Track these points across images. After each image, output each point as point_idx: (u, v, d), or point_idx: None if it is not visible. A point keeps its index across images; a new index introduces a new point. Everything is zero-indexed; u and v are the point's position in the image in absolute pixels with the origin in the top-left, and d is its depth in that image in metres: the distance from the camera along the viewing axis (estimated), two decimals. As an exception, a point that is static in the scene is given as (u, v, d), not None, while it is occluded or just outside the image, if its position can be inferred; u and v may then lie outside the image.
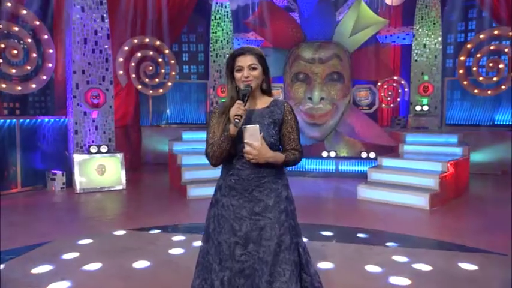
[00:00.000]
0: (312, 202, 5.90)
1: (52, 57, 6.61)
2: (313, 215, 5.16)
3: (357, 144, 8.29)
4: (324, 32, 8.23)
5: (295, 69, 8.22)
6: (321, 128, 8.18)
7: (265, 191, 1.88)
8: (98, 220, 5.06)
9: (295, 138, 1.94)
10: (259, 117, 1.90)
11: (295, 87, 8.28)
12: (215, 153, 1.85)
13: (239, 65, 1.87)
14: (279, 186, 1.92)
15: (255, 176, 1.87)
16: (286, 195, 1.94)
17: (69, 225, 4.78)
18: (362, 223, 4.76)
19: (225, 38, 9.83)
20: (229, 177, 1.92)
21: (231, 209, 1.89)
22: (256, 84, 1.90)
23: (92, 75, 6.89)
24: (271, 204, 1.87)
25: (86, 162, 6.66)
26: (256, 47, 1.94)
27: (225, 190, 1.93)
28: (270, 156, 1.84)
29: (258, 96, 1.95)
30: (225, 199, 1.92)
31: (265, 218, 1.86)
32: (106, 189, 6.71)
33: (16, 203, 5.86)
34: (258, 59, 1.89)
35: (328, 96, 7.94)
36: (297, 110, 8.26)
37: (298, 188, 6.98)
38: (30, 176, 6.63)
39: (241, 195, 1.89)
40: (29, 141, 6.61)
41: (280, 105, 1.95)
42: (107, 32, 6.99)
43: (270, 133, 1.88)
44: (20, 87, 6.34)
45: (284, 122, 1.93)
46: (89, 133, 6.91)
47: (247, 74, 1.86)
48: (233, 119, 1.77)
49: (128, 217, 5.26)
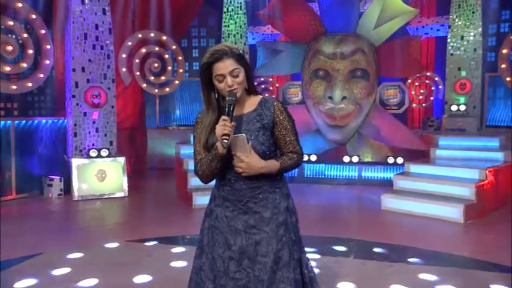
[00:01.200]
0: (330, 212, 5.86)
1: (50, 54, 6.70)
2: (330, 226, 5.11)
3: (383, 149, 8.16)
4: (346, 24, 8.13)
5: (314, 66, 8.16)
6: (342, 130, 8.11)
7: (261, 202, 1.86)
8: (95, 230, 5.06)
9: (291, 140, 1.89)
10: (246, 123, 1.86)
11: (314, 85, 8.20)
12: (205, 172, 1.84)
13: (219, 73, 1.80)
14: (277, 196, 1.89)
15: (248, 186, 1.85)
16: (286, 206, 1.90)
17: (63, 236, 4.80)
18: (385, 237, 4.66)
19: (239, 32, 9.82)
20: (222, 188, 1.90)
21: (224, 221, 1.88)
22: (241, 91, 1.84)
23: (93, 73, 6.95)
24: (268, 216, 1.85)
25: (85, 167, 6.71)
26: (232, 46, 1.85)
27: (219, 200, 1.92)
28: (262, 167, 1.81)
29: (243, 99, 1.89)
30: (219, 210, 1.90)
31: (261, 232, 1.84)
32: (106, 196, 6.75)
33: (9, 211, 5.94)
34: (238, 59, 1.82)
35: (350, 95, 7.87)
36: (316, 110, 8.20)
37: (316, 197, 6.98)
38: (25, 181, 6.72)
39: (235, 206, 1.87)
40: (25, 144, 6.70)
41: (269, 106, 1.88)
42: (109, 26, 7.06)
43: (259, 140, 1.84)
44: (16, 86, 6.44)
45: (276, 124, 1.87)
46: (89, 135, 6.97)
47: (231, 82, 1.80)
48: (220, 139, 1.73)
49: (127, 227, 5.25)
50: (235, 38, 9.81)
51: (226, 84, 1.79)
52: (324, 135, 8.36)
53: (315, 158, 8.08)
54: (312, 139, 8.39)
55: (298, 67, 8.64)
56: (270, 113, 1.87)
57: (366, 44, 8.04)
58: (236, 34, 9.81)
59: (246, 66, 1.86)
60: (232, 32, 9.81)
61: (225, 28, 9.81)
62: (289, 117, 1.91)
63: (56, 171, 6.95)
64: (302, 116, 8.50)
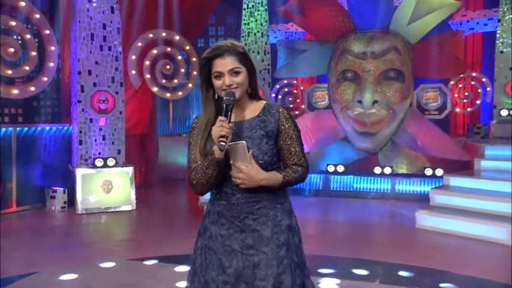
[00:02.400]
0: (357, 230, 5.78)
1: (54, 56, 6.83)
2: (356, 246, 5.01)
3: (420, 159, 8.03)
4: (377, 20, 8.07)
5: (342, 66, 8.13)
6: (373, 138, 8.04)
7: (260, 219, 1.83)
8: (97, 248, 5.08)
9: (296, 151, 1.87)
10: (248, 130, 1.85)
11: (341, 88, 8.16)
12: (200, 180, 1.81)
13: (217, 70, 1.80)
14: (279, 212, 1.86)
15: (246, 200, 1.83)
16: (288, 224, 1.87)
17: (61, 254, 4.82)
18: (418, 259, 4.51)
19: (259, 30, 9.84)
20: (217, 202, 1.88)
21: (219, 240, 1.85)
22: (241, 92, 1.83)
23: (100, 76, 7.04)
24: (268, 235, 1.82)
25: (90, 178, 6.77)
26: (236, 43, 1.84)
27: (213, 217, 1.89)
28: (262, 179, 1.79)
29: (244, 104, 1.89)
30: (213, 228, 1.88)
31: (260, 253, 1.80)
32: (112, 209, 6.80)
33: (8, 225, 6.03)
34: (241, 59, 1.82)
35: (383, 99, 7.85)
36: (344, 116, 8.13)
37: (342, 212, 6.93)
38: (27, 193, 6.83)
39: (231, 223, 1.84)
40: (27, 152, 6.82)
41: (274, 112, 1.88)
42: (117, 26, 7.15)
43: (262, 149, 1.83)
44: (17, 91, 6.58)
45: (280, 133, 1.86)
46: (95, 143, 7.05)
47: (229, 82, 1.79)
48: (217, 141, 1.72)
49: (133, 244, 5.27)
50: (256, 37, 9.82)
51: (224, 83, 1.79)
52: (353, 143, 8.30)
53: (342, 169, 8.01)
54: (339, 148, 8.35)
55: (324, 68, 8.63)
56: (275, 120, 1.86)
57: (400, 42, 7.96)
58: (257, 32, 9.83)
59: (250, 68, 1.85)
60: (253, 31, 9.83)
61: (244, 26, 9.83)
62: (295, 125, 1.90)
63: (59, 182, 7.05)
64: (328, 122, 8.45)
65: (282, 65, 8.61)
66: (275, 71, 9.16)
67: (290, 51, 8.53)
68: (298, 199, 7.62)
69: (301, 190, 7.95)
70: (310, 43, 8.59)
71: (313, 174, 8.03)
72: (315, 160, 8.38)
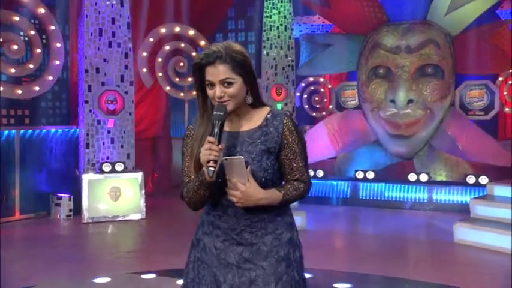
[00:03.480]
0: (387, 244, 5.69)
1: (60, 53, 6.90)
2: (386, 262, 4.93)
3: (462, 165, 7.95)
4: (413, 10, 8.03)
5: (373, 62, 8.11)
6: (408, 141, 7.98)
7: (258, 232, 1.84)
8: (100, 260, 5.09)
9: (299, 167, 1.89)
10: (248, 143, 1.85)
11: (372, 86, 8.14)
12: (191, 199, 1.85)
13: (208, 79, 1.80)
14: (279, 225, 1.87)
15: (244, 213, 1.83)
16: (289, 238, 1.88)
17: (61, 266, 4.83)
18: (455, 279, 4.39)
19: (283, 23, 9.75)
20: (212, 212, 1.89)
21: (213, 253, 1.87)
22: (235, 104, 1.81)
23: (108, 75, 7.08)
24: (266, 249, 1.83)
25: (97, 184, 6.81)
26: (233, 47, 1.80)
27: (208, 227, 1.91)
28: (261, 198, 1.80)
29: (244, 112, 1.88)
30: (207, 239, 1.90)
31: (258, 268, 1.81)
32: (120, 218, 6.81)
33: (10, 234, 6.10)
34: (235, 67, 1.78)
35: (419, 98, 7.78)
36: (376, 116, 8.05)
37: (371, 224, 6.89)
38: (31, 200, 6.90)
39: (228, 235, 1.85)
40: (31, 156, 6.90)
41: (277, 124, 1.87)
42: (127, 20, 7.18)
43: (263, 166, 1.82)
44: (20, 91, 6.67)
45: (283, 147, 1.86)
46: (103, 147, 7.08)
47: (220, 93, 1.78)
48: (205, 166, 1.72)
49: (140, 256, 5.27)
50: (279, 31, 9.73)
51: (215, 94, 1.79)
52: (385, 147, 8.25)
53: (372, 176, 7.97)
54: (369, 152, 8.34)
55: (353, 64, 8.53)
56: (278, 134, 1.86)
57: (439, 34, 7.89)
58: (280, 26, 9.74)
59: (248, 75, 1.82)
60: (275, 24, 9.75)
61: (266, 19, 9.76)
62: (300, 138, 1.90)
63: (65, 189, 7.11)
64: (357, 124, 8.40)
65: (304, 61, 8.55)
66: (297, 68, 9.07)
67: (314, 46, 8.47)
68: (323, 208, 7.56)
69: (327, 199, 7.91)
70: (337, 37, 8.52)
71: (340, 181, 7.99)
72: (342, 166, 8.28)
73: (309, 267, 4.48)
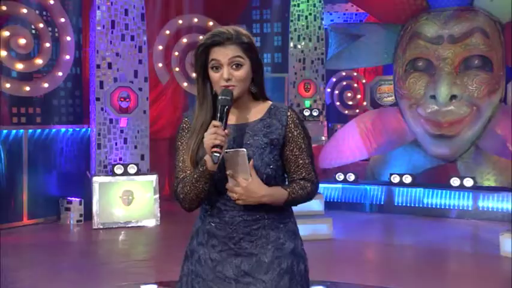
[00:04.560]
0: (426, 256, 5.60)
1: (70, 47, 7.00)
2: (425, 277, 4.87)
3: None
4: None
5: (411, 54, 8.04)
6: (451, 142, 7.89)
7: (258, 241, 1.84)
8: (107, 270, 5.12)
9: (305, 164, 1.89)
10: (249, 135, 1.86)
11: (410, 81, 8.03)
12: (188, 195, 1.82)
13: (215, 58, 1.82)
14: (281, 234, 1.87)
15: (243, 219, 1.83)
16: (293, 248, 1.88)
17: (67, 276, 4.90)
18: None
19: (312, 13, 9.77)
20: (208, 219, 1.89)
21: (209, 266, 1.86)
22: (241, 90, 1.84)
23: (121, 70, 7.13)
24: (268, 260, 1.83)
25: (109, 188, 6.86)
26: (241, 31, 1.85)
27: (203, 237, 1.89)
28: (264, 195, 1.80)
29: (246, 104, 1.91)
30: (202, 250, 1.88)
31: (258, 282, 1.82)
32: (133, 224, 6.85)
33: (16, 241, 6.20)
34: (244, 49, 1.82)
35: (463, 93, 7.64)
36: (414, 114, 7.99)
37: (409, 233, 6.78)
38: (40, 204, 7.00)
39: (225, 245, 1.85)
40: (40, 158, 7.01)
41: (281, 116, 1.89)
42: (142, 11, 7.22)
43: (265, 160, 1.83)
44: (29, 88, 6.79)
45: (288, 141, 1.87)
46: (116, 148, 7.14)
47: (227, 75, 1.80)
48: (209, 151, 1.72)
49: (150, 266, 5.28)
50: (308, 21, 9.76)
51: (221, 77, 1.79)
52: (425, 148, 8.14)
53: (409, 180, 7.84)
54: (406, 154, 8.29)
55: (388, 56, 8.46)
56: (281, 126, 1.87)
57: (487, 21, 7.79)
58: (309, 15, 9.77)
59: (255, 61, 1.85)
60: (304, 13, 9.79)
61: (294, 8, 9.79)
62: (305, 133, 1.92)
63: (76, 192, 7.20)
64: (393, 123, 8.35)
65: (333, 53, 8.47)
66: (326, 61, 8.99)
67: (344, 37, 8.38)
68: (354, 216, 7.49)
69: (358, 205, 7.83)
70: (370, 26, 8.46)
71: (374, 185, 7.89)
72: (375, 169, 8.16)
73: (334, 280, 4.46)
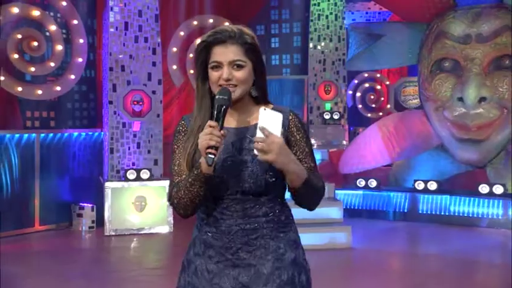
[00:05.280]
0: (452, 268, 5.52)
1: (83, 50, 7.10)
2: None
3: None
4: None
5: (437, 54, 7.93)
6: (480, 146, 7.77)
7: (257, 252, 1.83)
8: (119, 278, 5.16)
9: (311, 167, 1.89)
10: (249, 140, 1.85)
11: (436, 82, 7.92)
12: (182, 200, 1.81)
13: (216, 60, 1.81)
14: (282, 243, 1.86)
15: (240, 228, 1.82)
16: (293, 259, 1.86)
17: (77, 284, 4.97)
18: None
19: (333, 12, 9.73)
20: (204, 229, 1.88)
21: (205, 277, 1.85)
22: (241, 92, 1.83)
23: (134, 73, 7.19)
24: (267, 271, 1.82)
25: (121, 193, 6.92)
26: (245, 30, 1.85)
27: (200, 247, 1.89)
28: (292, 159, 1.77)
29: (246, 108, 1.90)
30: (199, 261, 1.88)
31: None
32: (146, 231, 6.90)
33: (27, 248, 6.31)
34: (247, 50, 1.82)
35: (493, 95, 7.54)
36: (440, 117, 7.91)
37: (435, 243, 6.72)
38: (52, 210, 7.10)
39: (222, 256, 1.84)
40: (52, 162, 7.11)
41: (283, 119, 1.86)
42: (156, 12, 7.27)
43: (265, 167, 1.80)
44: (41, 91, 6.89)
45: (291, 145, 1.86)
46: (128, 152, 7.19)
47: (227, 76, 1.80)
48: (204, 153, 1.70)
49: (161, 274, 5.28)
50: (328, 20, 9.71)
51: (221, 77, 1.80)
52: (452, 153, 8.03)
53: (435, 187, 7.74)
54: (432, 159, 8.15)
55: (413, 57, 8.38)
56: (283, 130, 1.84)
57: None
58: (329, 15, 9.73)
59: (257, 63, 1.85)
60: (325, 12, 9.75)
61: (314, 7, 9.75)
62: (308, 137, 1.93)
63: (89, 198, 7.28)
64: (418, 126, 8.27)
65: (353, 54, 8.40)
66: (346, 62, 8.93)
67: (364, 37, 8.31)
68: (375, 223, 7.45)
69: (380, 213, 7.75)
70: (392, 26, 8.37)
71: (397, 192, 7.79)
72: (399, 175, 8.06)
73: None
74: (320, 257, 5.64)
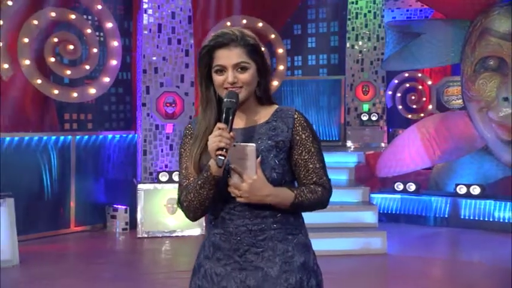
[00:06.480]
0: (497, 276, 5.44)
1: (117, 53, 7.25)
2: None
3: None
4: None
5: (481, 52, 7.74)
6: None
7: (265, 254, 1.84)
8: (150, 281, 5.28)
9: (316, 168, 1.90)
10: (254, 139, 1.90)
11: (480, 82, 7.73)
12: (192, 202, 1.84)
13: (219, 63, 1.85)
14: (290, 246, 1.86)
15: (248, 229, 1.84)
16: (303, 262, 1.87)
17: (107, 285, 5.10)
18: None
19: (371, 10, 9.67)
20: (213, 230, 1.92)
21: (214, 281, 1.88)
22: (247, 94, 1.88)
23: (167, 75, 7.31)
24: (275, 274, 1.83)
25: (153, 195, 7.03)
26: (247, 33, 1.90)
27: (208, 250, 1.92)
28: (268, 195, 1.81)
29: (251, 108, 1.94)
30: (208, 264, 1.91)
31: None
32: (178, 233, 6.98)
33: (61, 249, 6.48)
34: (250, 51, 1.86)
35: None
36: (484, 118, 7.78)
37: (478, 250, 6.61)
38: (87, 212, 7.31)
39: (230, 258, 1.86)
40: (87, 164, 7.32)
41: (287, 118, 1.91)
42: (189, 14, 7.38)
43: (270, 163, 1.84)
44: (76, 94, 7.10)
45: (296, 145, 1.89)
46: (161, 154, 7.32)
47: (232, 79, 1.84)
48: (214, 154, 1.74)
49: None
50: (366, 19, 9.65)
51: (226, 80, 1.84)
52: (497, 156, 7.82)
53: (478, 191, 7.55)
54: (475, 162, 7.97)
55: (455, 55, 8.20)
56: (288, 128, 1.88)
57: None
58: (367, 13, 9.67)
59: (261, 64, 1.89)
60: (363, 11, 9.70)
61: (351, 6, 9.68)
62: (314, 136, 1.93)
63: (123, 200, 7.44)
64: (461, 128, 8.13)
65: (390, 53, 8.28)
66: (382, 62, 8.83)
67: (402, 36, 8.20)
68: (414, 229, 7.33)
69: (420, 218, 7.60)
70: (433, 23, 8.23)
71: (437, 197, 7.65)
72: (439, 178, 7.91)
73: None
74: (354, 263, 5.61)
